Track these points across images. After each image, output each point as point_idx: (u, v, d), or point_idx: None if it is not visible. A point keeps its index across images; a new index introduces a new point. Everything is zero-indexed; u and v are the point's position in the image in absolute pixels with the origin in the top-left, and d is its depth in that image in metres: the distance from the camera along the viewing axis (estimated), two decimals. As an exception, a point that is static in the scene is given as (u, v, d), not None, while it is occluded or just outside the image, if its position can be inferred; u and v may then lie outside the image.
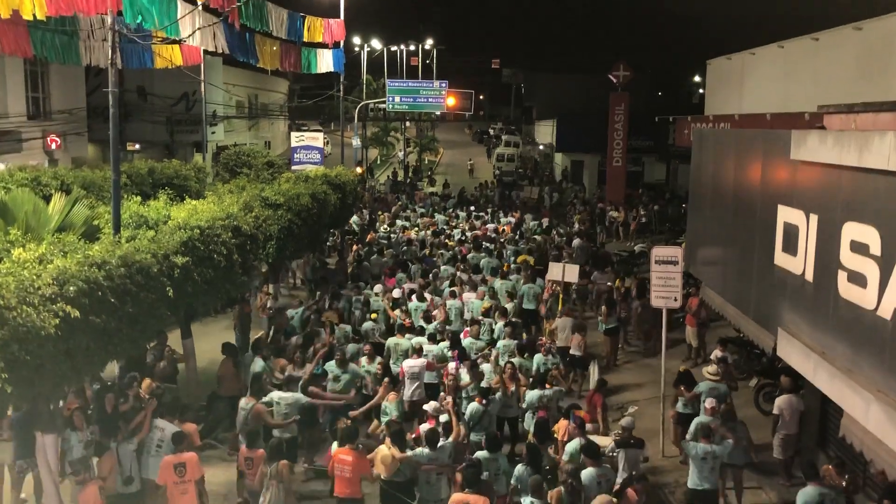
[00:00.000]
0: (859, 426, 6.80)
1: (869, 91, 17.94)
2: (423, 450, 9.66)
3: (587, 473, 9.23)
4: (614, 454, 10.55)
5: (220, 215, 13.33)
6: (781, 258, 8.74)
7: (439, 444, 9.71)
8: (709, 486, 9.93)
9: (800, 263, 8.21)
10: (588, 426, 11.40)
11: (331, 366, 12.74)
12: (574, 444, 10.06)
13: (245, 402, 11.22)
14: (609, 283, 20.67)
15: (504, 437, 11.50)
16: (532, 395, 11.94)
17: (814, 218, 7.91)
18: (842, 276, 7.17)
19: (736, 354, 16.08)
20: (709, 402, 10.94)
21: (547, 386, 12.28)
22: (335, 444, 10.17)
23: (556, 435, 11.12)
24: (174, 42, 18.54)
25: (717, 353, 14.04)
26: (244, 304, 16.47)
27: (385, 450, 9.63)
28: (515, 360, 13.13)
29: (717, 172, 12.23)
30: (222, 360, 13.54)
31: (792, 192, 8.57)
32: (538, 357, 13.58)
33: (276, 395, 11.33)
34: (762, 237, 9.43)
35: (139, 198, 13.76)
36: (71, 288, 8.36)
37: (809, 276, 7.97)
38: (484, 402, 11.49)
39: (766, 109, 22.86)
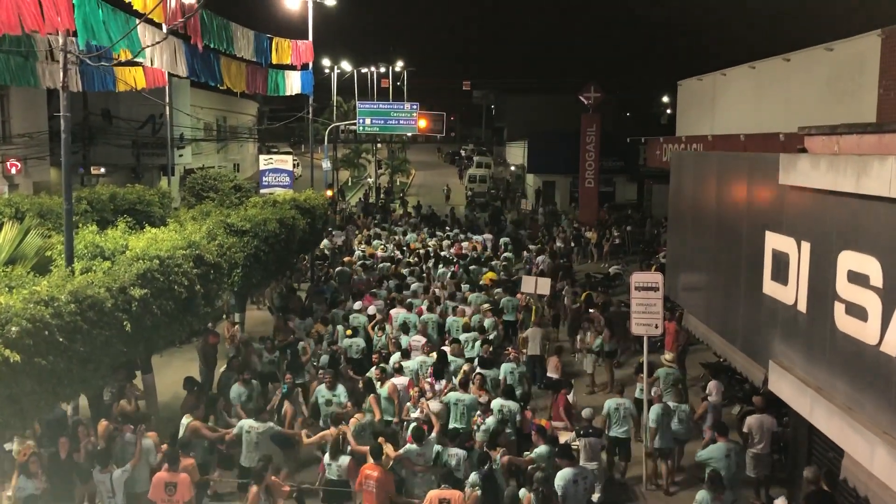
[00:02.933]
0: (863, 469, 6.37)
1: (840, 112, 17.87)
2: (411, 446, 10.21)
3: (563, 474, 9.28)
4: (576, 444, 11.18)
5: (181, 244, 12.71)
6: (771, 287, 8.35)
7: (425, 440, 10.23)
8: (620, 434, 11.98)
9: (791, 293, 7.81)
10: (558, 424, 12.31)
11: (321, 390, 12.53)
12: (542, 450, 10.23)
13: (184, 419, 11.13)
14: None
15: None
16: (496, 403, 11.99)
17: (806, 246, 7.53)
18: (839, 308, 6.78)
19: (716, 381, 15.76)
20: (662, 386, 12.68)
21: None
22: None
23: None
24: (135, 64, 17.96)
25: (711, 387, 13.69)
26: (210, 334, 15.75)
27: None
28: (483, 371, 13.30)
29: (699, 196, 11.86)
30: (185, 397, 12.90)
31: (781, 219, 8.19)
32: (505, 366, 13.75)
33: (246, 422, 10.98)
34: (749, 264, 9.04)
35: (95, 226, 13.06)
36: (13, 328, 7.71)
37: (802, 307, 7.57)
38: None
39: (739, 130, 22.79)
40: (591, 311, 18.96)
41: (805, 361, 7.53)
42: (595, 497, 10.78)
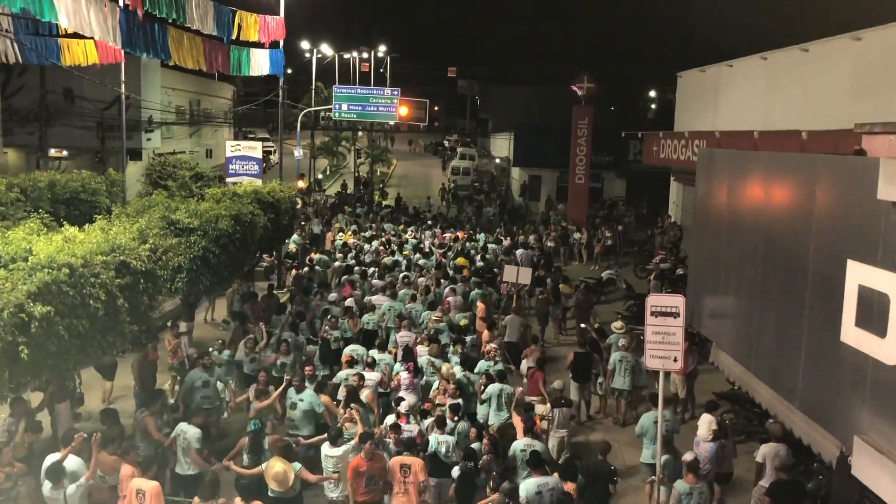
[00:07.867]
0: None
1: (869, 109, 15.87)
2: (326, 447, 9.98)
3: (526, 485, 8.99)
4: (549, 415, 12.14)
5: (103, 247, 10.43)
6: (855, 336, 6.23)
7: (340, 442, 9.98)
8: (622, 385, 14.04)
9: (891, 349, 5.71)
10: (532, 398, 12.93)
11: (291, 392, 11.78)
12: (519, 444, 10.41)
13: (139, 413, 10.88)
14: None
15: None
16: (492, 388, 12.34)
17: (920, 287, 5.42)
18: None
19: (731, 413, 13.72)
20: (621, 341, 14.47)
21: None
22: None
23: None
24: (81, 36, 15.57)
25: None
26: (148, 349, 13.43)
27: (279, 465, 9.38)
28: (460, 373, 13.10)
29: (737, 204, 9.66)
30: (104, 431, 10.71)
31: (876, 245, 6.06)
32: (481, 364, 13.63)
33: (182, 425, 10.37)
34: (818, 301, 6.93)
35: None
36: None
37: (913, 371, 5.48)
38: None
39: (745, 126, 20.82)
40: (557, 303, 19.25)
41: (919, 449, 5.44)
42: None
